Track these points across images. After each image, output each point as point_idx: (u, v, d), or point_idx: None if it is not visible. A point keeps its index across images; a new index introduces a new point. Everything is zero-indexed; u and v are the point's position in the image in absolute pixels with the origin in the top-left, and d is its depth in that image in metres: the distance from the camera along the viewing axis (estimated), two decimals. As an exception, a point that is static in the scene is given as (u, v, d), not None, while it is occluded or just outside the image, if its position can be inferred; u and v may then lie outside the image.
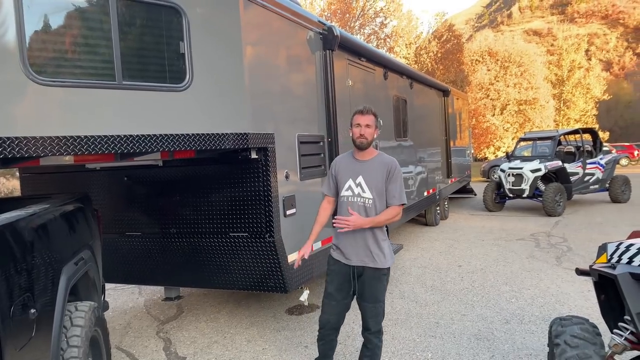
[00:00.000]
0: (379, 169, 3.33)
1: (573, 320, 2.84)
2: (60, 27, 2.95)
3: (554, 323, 2.92)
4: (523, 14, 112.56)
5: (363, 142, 3.32)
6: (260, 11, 4.05)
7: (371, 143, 3.36)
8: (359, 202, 3.32)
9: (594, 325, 2.83)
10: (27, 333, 2.27)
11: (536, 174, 11.69)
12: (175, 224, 4.54)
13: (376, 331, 3.44)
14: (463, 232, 10.10)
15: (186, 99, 3.45)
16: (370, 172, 3.33)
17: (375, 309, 3.39)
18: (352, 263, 3.37)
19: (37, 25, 2.83)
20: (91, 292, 3.46)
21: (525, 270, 6.89)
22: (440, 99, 10.96)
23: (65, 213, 3.17)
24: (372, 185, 3.31)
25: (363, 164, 3.37)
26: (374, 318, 3.41)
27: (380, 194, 3.32)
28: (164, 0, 3.29)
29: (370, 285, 3.35)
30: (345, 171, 3.41)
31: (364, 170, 3.34)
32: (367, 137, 3.31)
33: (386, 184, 3.31)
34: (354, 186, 3.34)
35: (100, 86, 3.06)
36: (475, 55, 36.58)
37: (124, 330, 5.34)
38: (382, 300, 3.42)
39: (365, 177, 3.32)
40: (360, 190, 3.32)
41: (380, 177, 3.31)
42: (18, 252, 2.31)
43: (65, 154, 2.93)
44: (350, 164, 3.41)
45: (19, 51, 2.73)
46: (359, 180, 3.33)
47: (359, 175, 3.33)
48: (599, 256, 2.86)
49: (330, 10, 25.61)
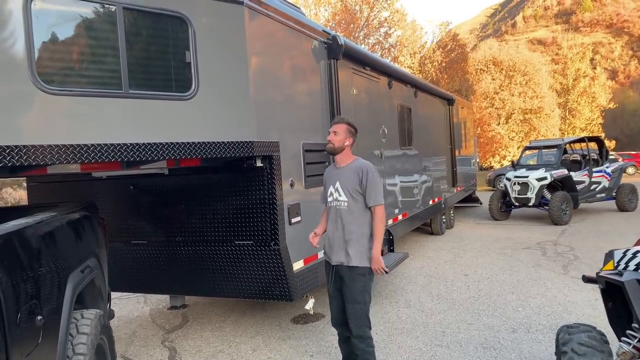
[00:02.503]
0: (352, 174, 3.60)
1: (580, 328, 2.81)
2: (68, 37, 2.99)
3: (561, 331, 2.90)
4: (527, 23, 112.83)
5: (329, 147, 3.66)
6: (266, 21, 4.09)
7: (339, 149, 3.63)
8: (337, 206, 3.63)
9: (602, 333, 2.80)
10: (34, 340, 2.27)
11: (542, 183, 11.65)
12: (181, 233, 4.56)
13: (358, 335, 3.55)
14: (469, 241, 10.06)
15: (192, 107, 3.48)
16: (345, 177, 3.61)
17: (354, 310, 3.54)
18: (332, 262, 3.65)
19: (45, 35, 2.86)
20: (97, 300, 3.47)
21: (532, 279, 6.84)
22: (445, 107, 10.98)
23: (72, 221, 3.18)
24: (346, 189, 3.58)
25: (340, 170, 3.68)
26: (354, 320, 3.55)
27: (354, 197, 3.57)
28: (170, 11, 3.33)
29: (346, 284, 3.57)
30: (328, 179, 3.75)
31: (341, 176, 3.64)
32: (334, 143, 3.62)
33: (362, 187, 3.56)
34: (334, 191, 3.65)
35: (107, 95, 3.09)
36: (480, 64, 36.65)
37: (130, 339, 5.34)
38: (360, 301, 3.55)
39: (341, 182, 3.61)
40: (337, 194, 3.62)
41: (354, 181, 3.56)
42: (25, 259, 2.32)
43: (72, 162, 2.96)
44: (332, 171, 3.76)
45: (27, 61, 2.77)
46: (337, 185, 3.63)
47: (337, 180, 3.64)
48: (606, 263, 2.84)
49: (335, 21, 25.74)
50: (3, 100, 2.72)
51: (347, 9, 25.59)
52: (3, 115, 2.73)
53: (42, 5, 2.85)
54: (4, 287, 2.02)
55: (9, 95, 2.74)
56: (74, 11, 2.98)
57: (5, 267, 2.09)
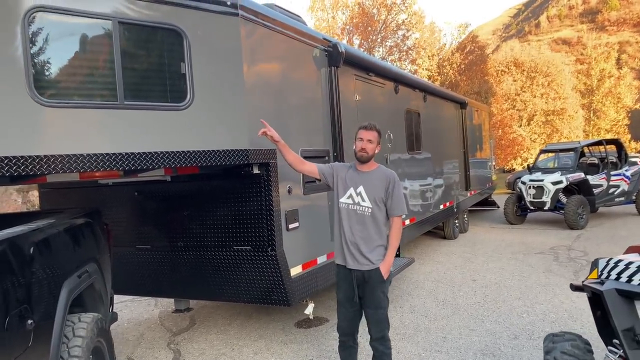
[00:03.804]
0: (379, 181, 3.55)
1: (565, 337, 2.81)
2: (64, 51, 3.11)
3: (546, 339, 2.90)
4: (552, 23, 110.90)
5: (363, 155, 3.56)
6: (262, 31, 4.17)
7: (371, 157, 3.58)
8: (358, 210, 3.54)
9: (587, 342, 2.79)
10: (24, 343, 2.39)
11: (557, 186, 11.47)
12: (183, 238, 4.67)
13: (379, 338, 3.56)
14: (482, 245, 9.97)
15: (187, 117, 3.58)
16: (371, 184, 3.55)
17: (377, 315, 3.54)
18: (350, 266, 3.56)
19: (42, 49, 2.99)
20: (97, 304, 3.59)
21: (541, 284, 6.77)
22: (457, 111, 10.91)
23: (71, 227, 3.31)
24: (371, 196, 3.53)
25: (364, 174, 3.59)
26: (375, 324, 3.55)
27: (378, 204, 3.53)
28: (165, 24, 3.44)
29: (369, 290, 3.53)
30: (348, 179, 3.61)
31: (365, 181, 3.56)
32: (368, 152, 3.55)
33: (387, 196, 3.53)
34: (354, 195, 3.56)
35: (102, 106, 3.21)
36: (501, 66, 36.23)
37: (137, 341, 5.47)
38: (383, 306, 3.55)
39: (366, 188, 3.54)
40: (360, 199, 3.54)
41: (380, 189, 3.53)
42: (16, 265, 2.43)
43: (69, 171, 3.08)
44: (353, 173, 3.63)
45: (25, 74, 2.90)
46: (359, 189, 3.55)
47: (360, 185, 3.55)
48: (591, 272, 2.83)
49: (352, 24, 25.77)
50: (2, 113, 2.85)
51: (364, 12, 25.60)
52: (2, 128, 2.86)
53: (39, 20, 2.98)
54: (-9, 292, 2.14)
55: (7, 108, 2.87)
56: (70, 26, 3.10)
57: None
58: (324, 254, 4.92)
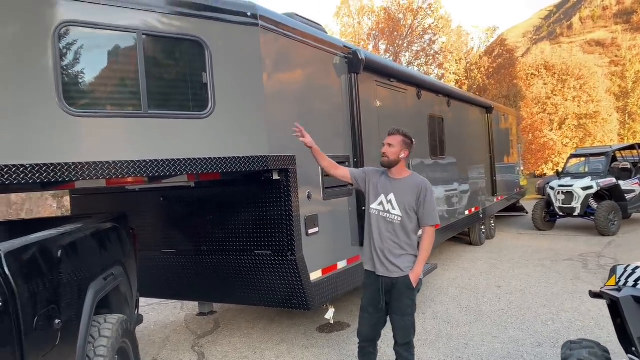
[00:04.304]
0: (410, 189, 3.52)
1: (583, 344, 2.78)
2: (91, 63, 3.26)
3: (564, 346, 2.87)
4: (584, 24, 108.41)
5: (383, 160, 3.58)
6: (282, 40, 4.26)
7: (394, 162, 3.55)
8: (387, 217, 3.53)
9: (605, 349, 2.76)
10: (51, 341, 2.51)
11: (587, 192, 11.22)
12: (206, 242, 4.78)
13: (404, 344, 3.56)
14: (508, 251, 9.83)
15: (209, 125, 3.69)
16: (402, 192, 3.53)
17: (404, 322, 3.53)
18: (379, 273, 3.56)
19: (71, 62, 3.15)
20: (122, 306, 3.71)
21: (568, 292, 6.64)
22: (483, 115, 10.81)
23: (97, 232, 3.45)
24: (402, 204, 3.50)
25: (395, 182, 3.57)
26: (402, 330, 3.55)
27: (408, 213, 3.50)
28: (187, 35, 3.57)
29: (397, 297, 3.53)
30: (378, 186, 3.61)
31: (396, 188, 3.54)
32: (389, 156, 3.55)
33: (418, 204, 3.50)
34: (385, 202, 3.54)
35: (127, 116, 3.35)
36: (531, 69, 35.59)
37: (163, 344, 5.61)
38: (410, 313, 3.56)
39: (397, 195, 3.52)
40: (390, 207, 3.52)
41: (411, 197, 3.50)
42: (45, 267, 2.56)
43: (96, 177, 3.22)
44: (385, 180, 3.61)
45: (55, 86, 3.05)
46: (390, 197, 3.53)
47: (391, 192, 3.54)
48: (610, 278, 2.80)
49: (378, 29, 25.81)
50: (34, 123, 3.01)
51: (390, 17, 25.60)
52: (34, 137, 3.02)
53: (68, 33, 3.13)
54: (21, 293, 2.26)
55: (38, 118, 3.02)
56: (97, 38, 3.25)
57: (23, 275, 2.33)
58: (344, 259, 4.96)
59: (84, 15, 3.15)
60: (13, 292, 2.23)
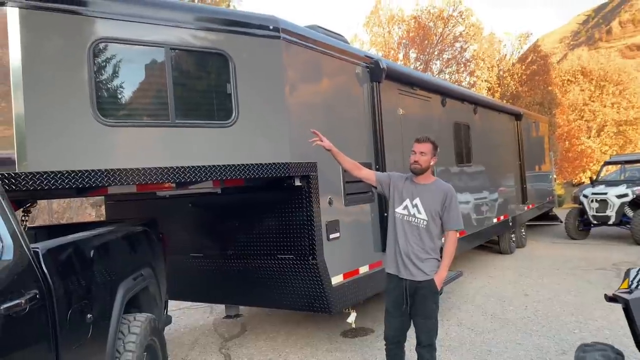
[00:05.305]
0: (436, 194, 3.61)
1: (596, 347, 2.79)
2: (123, 76, 3.49)
3: (578, 349, 2.88)
4: (624, 28, 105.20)
5: (416, 168, 3.64)
6: (303, 52, 4.42)
7: (425, 169, 3.65)
8: (413, 222, 3.61)
9: (619, 352, 2.76)
10: (84, 335, 2.70)
11: (623, 200, 10.93)
12: (232, 246, 4.96)
13: (427, 345, 3.61)
14: (539, 260, 9.67)
15: (233, 133, 3.88)
16: (428, 197, 3.61)
17: (427, 325, 3.60)
18: (402, 276, 3.62)
19: (104, 76, 3.39)
20: (151, 306, 3.91)
21: (598, 301, 6.49)
22: (512, 122, 10.71)
23: (128, 235, 3.66)
24: (427, 208, 3.59)
25: (421, 187, 3.66)
26: (426, 333, 3.60)
27: (434, 217, 3.59)
28: (212, 48, 3.77)
29: (421, 301, 3.58)
30: (403, 190, 3.69)
31: (422, 193, 3.63)
32: (421, 164, 3.62)
33: (443, 209, 3.58)
34: (410, 206, 3.63)
35: (156, 125, 3.57)
36: (567, 75, 34.79)
37: (191, 346, 5.80)
38: (434, 317, 3.62)
39: (423, 200, 3.60)
40: (416, 211, 3.61)
41: (437, 202, 3.59)
42: (79, 266, 2.77)
43: (127, 184, 3.43)
44: (409, 185, 3.70)
45: (89, 98, 3.29)
46: (415, 201, 3.62)
47: (417, 197, 3.62)
48: (623, 281, 2.80)
49: (408, 38, 25.78)
50: (70, 133, 3.25)
51: (420, 25, 25.54)
52: (70, 146, 3.25)
53: (102, 49, 3.37)
54: (56, 288, 2.46)
55: (74, 128, 3.26)
56: (128, 53, 3.49)
57: (59, 272, 2.54)
58: (365, 265, 5.05)
59: (116, 31, 3.39)
60: (49, 288, 2.43)
